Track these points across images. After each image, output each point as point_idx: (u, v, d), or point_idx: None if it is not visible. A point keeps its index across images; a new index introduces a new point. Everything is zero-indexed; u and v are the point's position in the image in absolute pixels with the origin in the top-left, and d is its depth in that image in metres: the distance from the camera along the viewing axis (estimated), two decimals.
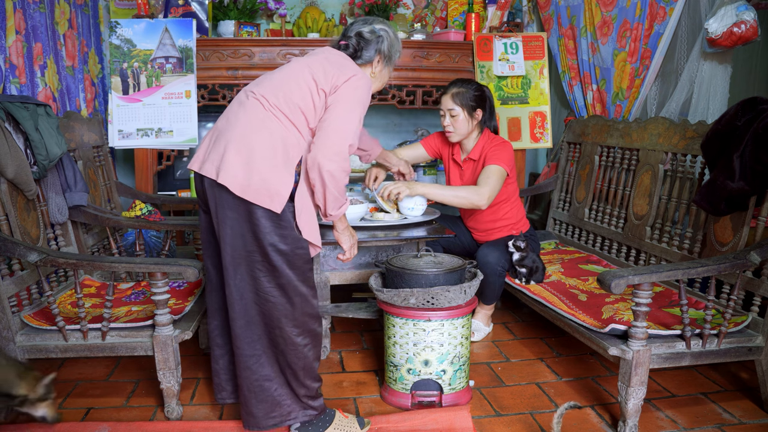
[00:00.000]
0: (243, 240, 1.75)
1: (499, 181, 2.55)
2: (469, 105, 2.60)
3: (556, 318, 2.34)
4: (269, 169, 1.72)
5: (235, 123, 1.78)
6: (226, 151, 1.73)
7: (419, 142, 2.92)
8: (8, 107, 2.10)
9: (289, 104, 1.78)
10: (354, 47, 1.99)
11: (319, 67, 1.84)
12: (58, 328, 2.00)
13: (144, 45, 3.23)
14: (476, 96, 2.61)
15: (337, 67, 1.86)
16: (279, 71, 1.89)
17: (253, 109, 1.78)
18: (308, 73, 1.82)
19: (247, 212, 1.73)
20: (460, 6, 3.75)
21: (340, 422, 1.94)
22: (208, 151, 1.79)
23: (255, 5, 3.64)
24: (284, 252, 1.76)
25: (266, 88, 1.82)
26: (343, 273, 2.52)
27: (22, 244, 1.96)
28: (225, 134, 1.78)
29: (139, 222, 2.70)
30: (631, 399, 1.92)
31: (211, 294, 1.96)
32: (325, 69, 1.84)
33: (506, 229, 2.77)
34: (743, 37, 2.69)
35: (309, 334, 1.86)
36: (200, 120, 3.41)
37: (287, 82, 1.82)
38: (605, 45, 3.29)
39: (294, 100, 1.79)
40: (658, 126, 2.75)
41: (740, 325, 2.07)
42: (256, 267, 1.77)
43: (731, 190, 2.16)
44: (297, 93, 1.79)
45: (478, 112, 2.62)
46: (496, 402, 2.21)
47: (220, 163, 1.72)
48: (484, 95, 2.65)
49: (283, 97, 1.79)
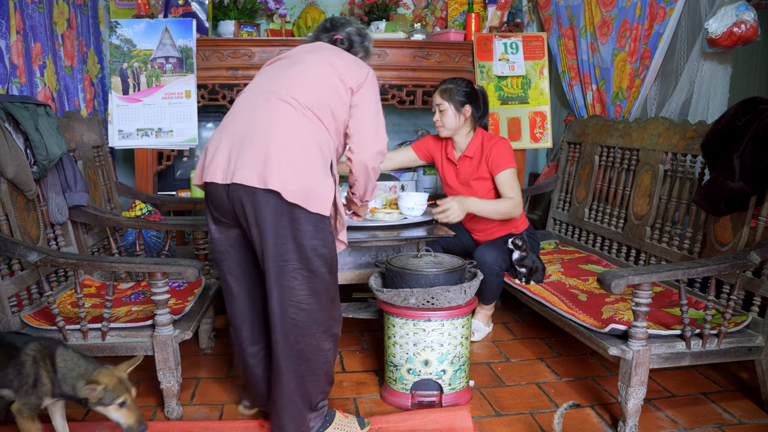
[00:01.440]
0: (285, 248, 1.69)
1: (516, 180, 2.65)
2: (457, 101, 2.65)
3: (556, 318, 2.34)
4: (314, 172, 1.69)
5: (266, 127, 1.70)
6: (270, 157, 1.65)
7: (410, 145, 2.94)
8: (8, 107, 2.10)
9: (321, 106, 1.77)
10: (349, 42, 2.04)
11: (342, 64, 1.86)
12: (58, 328, 2.00)
13: (144, 45, 3.23)
14: (465, 92, 2.66)
15: (356, 64, 1.90)
16: (297, 69, 1.84)
17: (285, 113, 1.72)
18: (333, 73, 1.83)
19: (290, 218, 1.67)
20: (460, 6, 3.75)
21: (340, 422, 1.94)
22: (235, 158, 1.69)
23: (255, 5, 3.64)
24: (324, 256, 1.74)
25: (293, 89, 1.77)
26: (343, 273, 2.51)
27: (22, 244, 1.96)
28: (255, 138, 1.69)
29: (139, 222, 2.70)
30: (631, 399, 1.92)
31: (236, 304, 1.89)
32: (348, 66, 1.86)
33: (505, 228, 2.77)
34: (743, 37, 2.69)
35: (333, 338, 1.85)
36: (200, 120, 3.41)
37: (316, 83, 1.80)
38: (605, 45, 3.29)
39: (324, 101, 1.78)
40: (658, 126, 2.75)
41: (740, 325, 2.07)
42: (291, 276, 1.71)
43: (731, 190, 2.16)
44: (326, 93, 1.80)
45: (466, 108, 2.66)
46: (496, 402, 2.21)
47: (264, 168, 1.64)
48: (474, 93, 2.70)
49: (315, 98, 1.77)
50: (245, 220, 1.71)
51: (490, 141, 2.68)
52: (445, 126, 2.69)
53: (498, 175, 2.64)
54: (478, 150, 2.70)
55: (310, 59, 1.88)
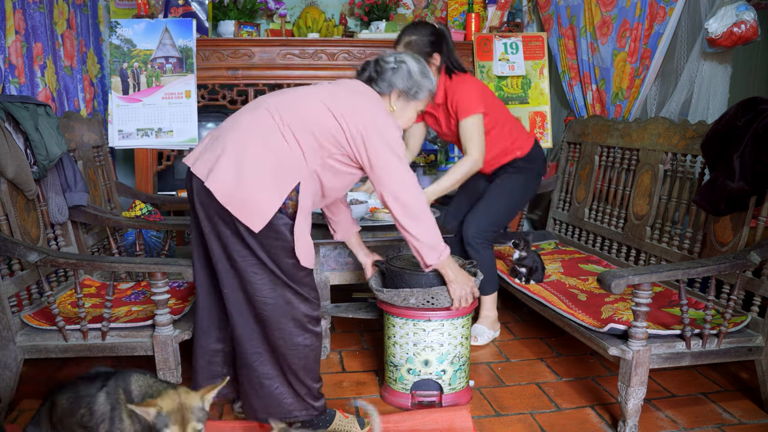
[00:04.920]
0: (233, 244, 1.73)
1: (480, 130, 2.49)
2: (424, 51, 2.44)
3: (555, 318, 2.34)
4: (256, 184, 1.67)
5: (238, 128, 1.74)
6: (222, 155, 1.69)
7: None
8: (8, 107, 2.10)
9: (303, 127, 1.74)
10: (370, 73, 1.91)
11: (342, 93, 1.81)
12: (58, 328, 2.00)
13: (144, 45, 3.23)
14: (430, 41, 2.46)
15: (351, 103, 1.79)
16: (301, 90, 1.85)
17: (261, 120, 1.74)
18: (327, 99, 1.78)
19: (232, 219, 1.70)
20: (460, 6, 3.75)
21: (340, 422, 1.95)
22: (205, 149, 1.76)
23: (255, 5, 3.64)
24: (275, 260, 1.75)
25: (283, 104, 1.77)
26: (343, 273, 2.52)
27: (22, 244, 1.96)
28: (224, 136, 1.74)
29: (139, 222, 2.70)
30: (631, 399, 1.92)
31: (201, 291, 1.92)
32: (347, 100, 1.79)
33: (506, 154, 2.67)
34: (743, 37, 2.69)
35: (309, 334, 1.85)
36: (200, 120, 3.41)
37: (305, 105, 1.77)
38: (605, 45, 3.29)
39: (308, 124, 1.74)
40: (658, 126, 2.75)
41: (740, 325, 2.07)
42: (250, 270, 1.74)
43: (731, 190, 2.16)
44: (313, 117, 1.75)
45: (435, 56, 2.48)
46: (496, 402, 2.21)
47: (213, 165, 1.70)
48: (439, 37, 2.49)
49: (299, 118, 1.74)
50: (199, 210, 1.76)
51: (453, 86, 2.54)
52: None
53: (459, 123, 2.50)
54: (443, 96, 2.57)
55: (320, 85, 1.87)
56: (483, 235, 2.60)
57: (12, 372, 2.00)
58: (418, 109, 1.99)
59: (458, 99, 2.50)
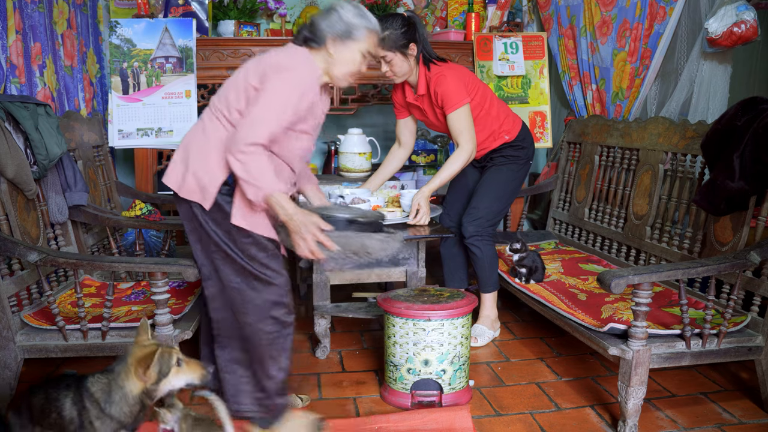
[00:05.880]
0: (198, 234, 1.84)
1: (469, 120, 2.51)
2: (400, 45, 2.44)
3: (555, 317, 2.34)
4: (201, 167, 1.79)
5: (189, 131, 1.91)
6: (175, 158, 1.86)
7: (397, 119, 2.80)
8: (8, 107, 2.10)
9: (229, 107, 1.81)
10: (304, 34, 1.87)
11: (254, 62, 1.83)
12: (58, 327, 2.00)
13: (144, 45, 3.23)
14: (403, 33, 2.44)
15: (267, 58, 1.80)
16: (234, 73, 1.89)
17: (203, 116, 1.88)
18: (244, 72, 1.82)
19: (189, 209, 1.82)
20: (460, 6, 3.75)
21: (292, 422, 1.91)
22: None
23: (255, 5, 3.64)
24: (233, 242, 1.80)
25: (218, 93, 1.87)
26: (342, 273, 2.51)
27: (22, 244, 1.96)
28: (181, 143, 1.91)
29: (139, 222, 2.70)
30: (631, 399, 1.92)
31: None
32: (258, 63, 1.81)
33: (494, 138, 2.68)
34: (743, 37, 2.69)
35: (275, 321, 1.82)
36: None
37: (228, 85, 1.85)
38: (605, 45, 3.29)
39: (231, 102, 1.80)
40: (658, 126, 2.75)
41: (740, 324, 2.07)
42: (214, 256, 1.83)
43: (731, 190, 2.16)
44: (233, 94, 1.81)
45: (411, 47, 2.47)
46: (496, 402, 2.21)
47: (170, 167, 1.86)
48: (411, 27, 2.47)
49: (225, 99, 1.82)
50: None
51: (434, 77, 2.53)
52: (398, 74, 2.53)
53: (447, 117, 2.53)
54: (425, 86, 2.57)
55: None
56: (483, 231, 2.61)
57: (12, 372, 2.00)
58: (361, 50, 1.87)
59: (442, 93, 2.51)
